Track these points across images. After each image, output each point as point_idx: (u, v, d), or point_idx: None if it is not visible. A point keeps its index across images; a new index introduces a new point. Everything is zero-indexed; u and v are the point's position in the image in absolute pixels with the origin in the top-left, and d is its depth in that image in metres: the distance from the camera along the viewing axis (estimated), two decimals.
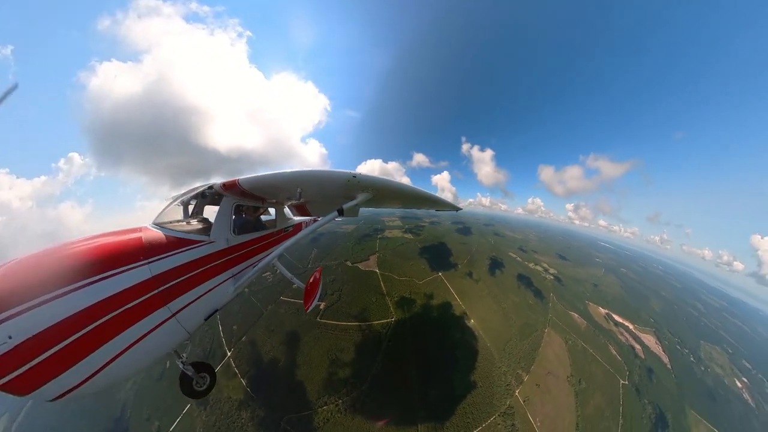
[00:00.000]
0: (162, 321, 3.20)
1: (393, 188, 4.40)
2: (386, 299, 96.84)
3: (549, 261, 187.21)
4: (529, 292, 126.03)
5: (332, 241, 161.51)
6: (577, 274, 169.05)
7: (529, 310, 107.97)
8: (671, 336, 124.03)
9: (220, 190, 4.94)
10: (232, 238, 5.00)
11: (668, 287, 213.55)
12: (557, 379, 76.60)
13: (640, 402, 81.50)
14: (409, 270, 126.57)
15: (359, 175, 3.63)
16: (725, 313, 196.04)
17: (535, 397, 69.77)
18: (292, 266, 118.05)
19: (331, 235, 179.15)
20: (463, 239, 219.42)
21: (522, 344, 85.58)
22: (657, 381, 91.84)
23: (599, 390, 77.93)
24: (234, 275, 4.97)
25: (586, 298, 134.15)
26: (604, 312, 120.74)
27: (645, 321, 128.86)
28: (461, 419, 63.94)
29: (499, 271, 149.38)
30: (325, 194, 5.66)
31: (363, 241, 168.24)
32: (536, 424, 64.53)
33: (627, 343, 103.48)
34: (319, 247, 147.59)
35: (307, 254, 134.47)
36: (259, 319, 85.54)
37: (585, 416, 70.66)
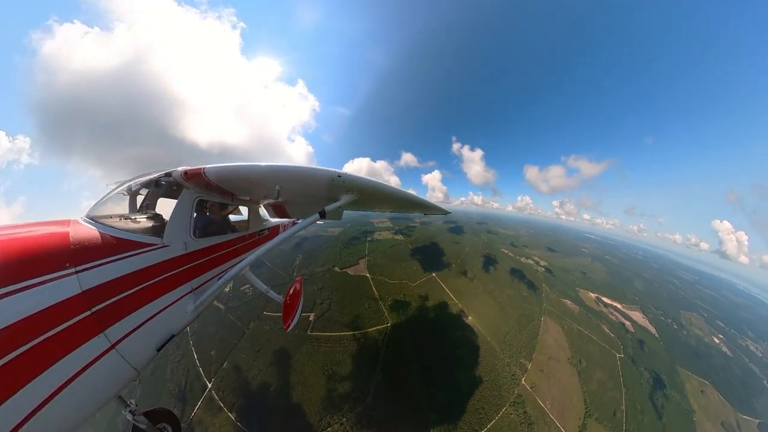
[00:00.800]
0: (97, 355, 2.41)
1: (380, 190, 4.13)
2: (379, 304, 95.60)
3: (539, 254, 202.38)
4: (523, 285, 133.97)
5: (318, 246, 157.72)
6: (566, 265, 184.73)
7: (524, 301, 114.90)
8: (655, 310, 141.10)
9: (181, 179, 4.17)
10: (191, 241, 4.27)
11: (648, 269, 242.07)
12: (559, 362, 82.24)
13: (637, 370, 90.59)
14: (402, 272, 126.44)
15: (344, 175, 3.38)
16: (698, 285, 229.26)
17: (541, 382, 74.06)
18: (274, 276, 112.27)
19: (316, 239, 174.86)
20: (456, 238, 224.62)
21: (521, 335, 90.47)
22: (648, 349, 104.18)
23: (599, 366, 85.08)
24: (194, 289, 4.24)
25: (576, 285, 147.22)
26: (594, 296, 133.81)
27: (631, 300, 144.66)
28: (473, 416, 64.77)
29: (492, 267, 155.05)
30: (307, 194, 5.14)
31: (351, 245, 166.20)
32: (546, 407, 68.47)
33: (617, 321, 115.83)
34: (303, 253, 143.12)
35: (291, 261, 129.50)
36: (241, 340, 78.91)
37: (590, 392, 76.15)
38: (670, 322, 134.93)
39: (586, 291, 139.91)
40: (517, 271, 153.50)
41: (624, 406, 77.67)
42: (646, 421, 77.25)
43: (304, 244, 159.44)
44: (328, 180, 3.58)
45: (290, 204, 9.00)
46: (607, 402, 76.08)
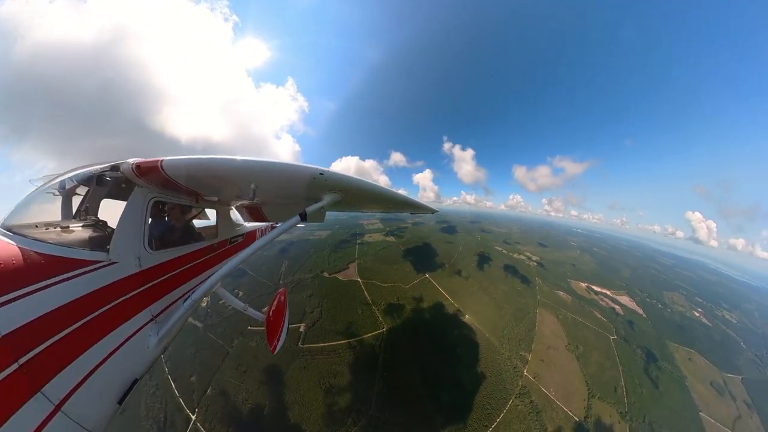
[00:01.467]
0: (39, 424, 1.92)
1: (364, 190, 3.98)
2: (373, 309, 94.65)
3: (531, 249, 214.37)
4: (517, 280, 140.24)
5: (304, 251, 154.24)
6: (556, 258, 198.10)
7: (518, 296, 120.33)
8: (641, 293, 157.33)
9: (131, 174, 3.45)
10: (146, 255, 3.69)
11: (632, 257, 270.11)
12: (557, 350, 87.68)
13: (630, 348, 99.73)
14: (394, 275, 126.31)
15: (327, 173, 3.20)
16: (676, 268, 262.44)
17: (543, 371, 78.03)
18: (257, 285, 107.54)
19: (302, 243, 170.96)
20: (449, 238, 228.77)
21: (518, 328, 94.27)
22: (638, 329, 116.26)
23: (596, 349, 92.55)
24: (155, 317, 3.69)
25: (567, 276, 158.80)
26: (584, 285, 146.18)
27: (618, 286, 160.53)
28: (481, 413, 65.82)
29: (487, 265, 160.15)
30: (286, 194, 4.77)
31: (340, 249, 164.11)
32: (551, 394, 72.23)
33: (608, 306, 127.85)
34: (289, 258, 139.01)
35: (276, 268, 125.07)
36: (224, 361, 73.24)
37: (590, 374, 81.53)
38: (655, 302, 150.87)
39: (577, 281, 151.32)
40: (511, 267, 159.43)
41: (623, 383, 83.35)
42: (645, 392, 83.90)
43: (289, 249, 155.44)
44: (309, 178, 3.26)
45: (268, 205, 8.04)
46: (607, 381, 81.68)
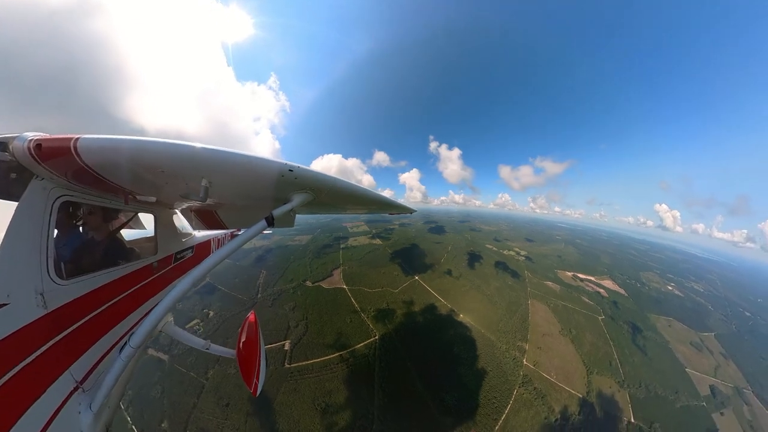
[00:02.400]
0: None
1: (339, 189, 3.73)
2: (362, 316, 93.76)
3: (520, 245, 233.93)
4: (507, 275, 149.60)
5: (284, 259, 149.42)
6: (543, 251, 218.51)
7: (510, 290, 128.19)
8: (621, 276, 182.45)
9: (26, 157, 2.43)
10: (54, 288, 2.76)
11: (611, 246, 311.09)
12: (552, 336, 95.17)
13: (617, 325, 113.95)
14: (382, 279, 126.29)
15: (297, 169, 2.95)
16: (649, 252, 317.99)
17: (541, 358, 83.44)
18: (231, 302, 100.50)
19: (281, 251, 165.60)
20: (437, 238, 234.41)
21: (513, 320, 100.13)
22: (622, 307, 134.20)
23: (587, 331, 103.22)
24: (79, 383, 2.83)
25: (554, 267, 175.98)
26: (570, 274, 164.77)
27: (601, 272, 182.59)
28: (488, 407, 67.98)
29: (478, 263, 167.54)
30: (249, 194, 4.26)
31: (323, 254, 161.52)
32: (553, 378, 77.67)
33: (593, 290, 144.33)
34: (267, 268, 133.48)
35: (253, 280, 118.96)
36: (201, 396, 66.01)
37: (585, 354, 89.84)
38: (633, 282, 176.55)
39: (564, 271, 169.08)
40: (501, 263, 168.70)
41: (616, 356, 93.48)
42: (636, 360, 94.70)
43: (267, 258, 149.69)
44: (276, 175, 2.96)
45: (225, 209, 6.92)
46: (602, 357, 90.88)
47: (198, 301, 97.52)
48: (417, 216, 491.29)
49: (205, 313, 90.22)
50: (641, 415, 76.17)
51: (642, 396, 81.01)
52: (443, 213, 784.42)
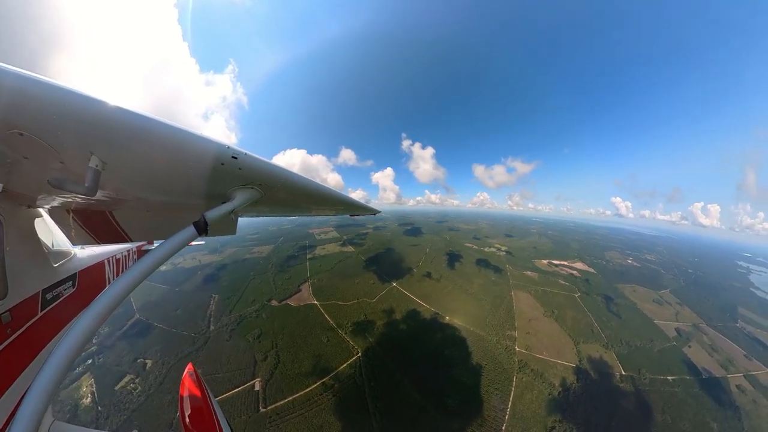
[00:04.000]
0: None
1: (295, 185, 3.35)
2: (339, 333, 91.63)
3: (499, 241, 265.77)
4: (489, 271, 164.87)
5: (241, 275, 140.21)
6: (521, 245, 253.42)
7: (493, 285, 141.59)
8: (589, 257, 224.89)
9: None
10: None
11: (578, 234, 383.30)
12: (538, 320, 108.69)
13: (592, 298, 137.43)
14: (357, 290, 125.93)
15: (243, 157, 2.49)
16: (609, 236, 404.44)
17: (531, 342, 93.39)
18: (177, 342, 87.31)
19: (236, 267, 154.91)
20: (414, 241, 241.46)
21: (499, 313, 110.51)
22: (593, 282, 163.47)
23: (567, 308, 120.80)
24: None
25: (531, 257, 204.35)
26: (546, 262, 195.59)
27: (572, 256, 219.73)
28: (493, 399, 71.74)
29: (458, 263, 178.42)
30: (168, 186, 3.40)
31: (288, 267, 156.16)
32: (545, 356, 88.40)
33: (567, 273, 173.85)
34: (220, 290, 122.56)
35: (202, 307, 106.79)
36: None
37: (570, 328, 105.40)
38: (600, 261, 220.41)
39: (540, 260, 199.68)
40: (483, 261, 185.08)
41: (596, 324, 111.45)
42: (613, 324, 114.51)
43: (219, 277, 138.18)
44: (212, 162, 2.41)
45: (129, 209, 5.26)
46: (584, 328, 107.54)
47: (127, 349, 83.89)
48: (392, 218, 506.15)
49: (140, 365, 77.06)
50: (629, 366, 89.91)
51: (625, 351, 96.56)
52: (420, 214, 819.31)
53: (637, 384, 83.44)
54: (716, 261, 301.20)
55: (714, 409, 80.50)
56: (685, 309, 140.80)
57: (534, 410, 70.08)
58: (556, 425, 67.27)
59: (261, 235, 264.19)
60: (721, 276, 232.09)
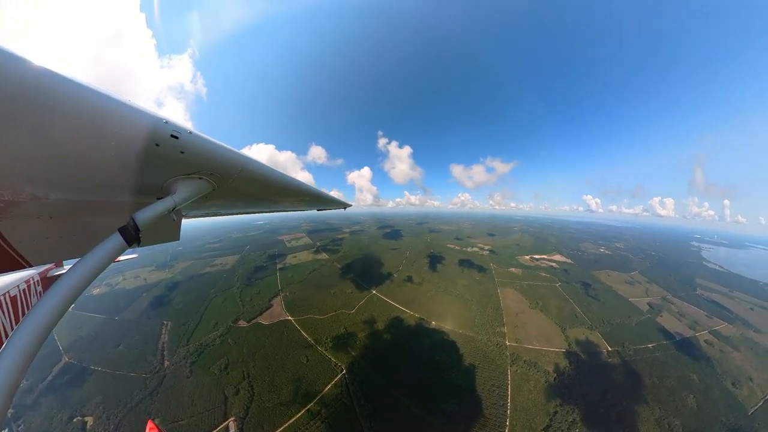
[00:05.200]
0: None
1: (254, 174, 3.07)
2: (319, 350, 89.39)
3: (482, 240, 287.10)
4: (474, 271, 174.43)
5: (199, 295, 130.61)
6: (504, 243, 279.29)
7: (478, 284, 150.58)
8: (566, 249, 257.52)
9: None
10: None
11: (555, 229, 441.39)
12: (525, 313, 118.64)
13: (572, 286, 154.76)
14: (334, 301, 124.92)
15: (184, 135, 2.12)
16: (583, 229, 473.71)
17: (521, 334, 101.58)
18: (122, 385, 77.15)
19: (193, 284, 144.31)
20: (394, 244, 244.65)
21: (486, 312, 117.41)
22: (572, 271, 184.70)
23: (550, 298, 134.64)
24: None
25: (515, 254, 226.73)
26: (528, 257, 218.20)
27: (551, 250, 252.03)
28: (491, 397, 74.79)
29: (440, 265, 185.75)
30: (75, 180, 2.57)
31: (255, 280, 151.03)
32: (536, 346, 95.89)
33: (548, 265, 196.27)
34: (174, 314, 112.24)
35: (152, 339, 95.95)
36: None
37: (555, 316, 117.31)
38: (576, 252, 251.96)
39: (523, 256, 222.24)
40: (466, 261, 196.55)
41: (579, 309, 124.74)
42: (593, 307, 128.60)
43: (170, 299, 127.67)
44: (143, 141, 2.01)
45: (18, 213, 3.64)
46: (568, 314, 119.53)
47: (57, 406, 71.35)
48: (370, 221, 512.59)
49: (78, 426, 66.74)
50: (613, 342, 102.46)
51: (608, 329, 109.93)
52: (400, 216, 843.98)
53: (623, 356, 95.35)
54: (674, 244, 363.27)
55: (691, 364, 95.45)
56: (653, 286, 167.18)
57: (534, 399, 74.52)
58: (558, 409, 72.07)
59: (223, 243, 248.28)
60: (679, 255, 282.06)
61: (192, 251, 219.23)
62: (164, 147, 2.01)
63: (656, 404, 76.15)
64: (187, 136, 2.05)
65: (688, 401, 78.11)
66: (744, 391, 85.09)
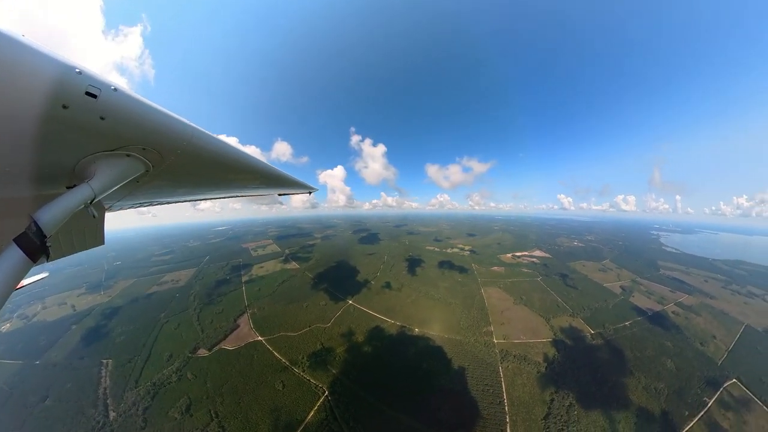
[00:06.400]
0: None
1: (201, 149, 2.51)
2: (296, 372, 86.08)
3: (462, 241, 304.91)
4: (455, 272, 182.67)
5: (146, 322, 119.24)
6: (485, 242, 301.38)
7: (461, 285, 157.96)
8: (544, 245, 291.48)
9: None
10: None
11: (533, 227, 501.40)
12: (510, 309, 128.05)
13: (552, 278, 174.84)
14: (307, 315, 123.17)
15: (107, 92, 1.64)
16: (558, 225, 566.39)
17: (508, 331, 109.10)
18: None
19: (136, 307, 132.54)
20: (370, 249, 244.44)
21: (471, 312, 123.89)
22: (551, 265, 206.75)
23: (533, 292, 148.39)
24: None
25: (496, 253, 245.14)
26: (510, 255, 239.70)
27: (531, 246, 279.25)
28: (487, 397, 77.78)
29: (419, 268, 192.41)
30: None
31: (217, 297, 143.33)
32: (523, 339, 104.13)
33: (529, 261, 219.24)
34: (115, 348, 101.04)
35: (91, 381, 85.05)
36: None
37: (539, 308, 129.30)
38: (553, 246, 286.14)
39: (504, 254, 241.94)
40: (446, 262, 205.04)
41: (559, 299, 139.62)
42: (573, 295, 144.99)
43: (110, 328, 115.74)
44: (46, 94, 1.51)
45: None
46: (550, 305, 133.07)
47: None
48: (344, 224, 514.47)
49: None
50: (595, 325, 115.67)
51: (589, 314, 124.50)
52: (377, 218, 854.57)
53: (606, 336, 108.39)
54: (637, 234, 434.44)
55: (664, 333, 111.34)
56: (623, 271, 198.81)
57: (529, 391, 79.70)
58: (554, 396, 78.15)
59: (175, 254, 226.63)
60: (642, 243, 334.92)
61: (134, 266, 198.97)
62: (76, 110, 1.52)
63: (641, 373, 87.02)
64: (110, 94, 1.59)
65: (668, 365, 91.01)
66: (711, 348, 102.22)
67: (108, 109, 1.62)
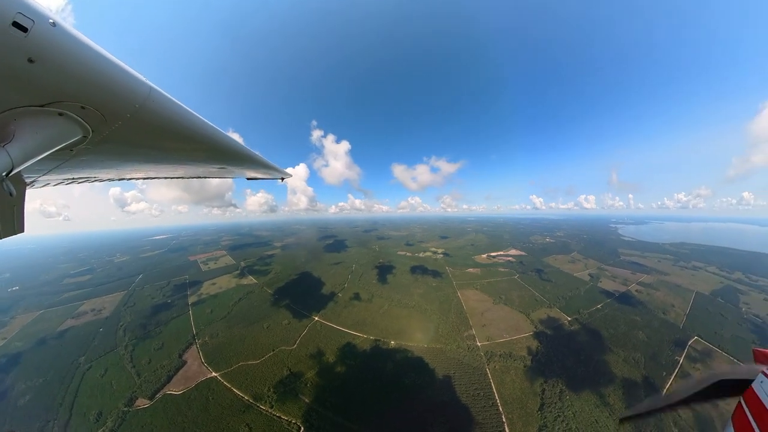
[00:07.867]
0: None
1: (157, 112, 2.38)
2: (262, 410, 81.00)
3: (435, 244, 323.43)
4: (428, 277, 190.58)
5: (60, 371, 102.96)
6: (458, 244, 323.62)
7: (436, 290, 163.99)
8: (521, 243, 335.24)
9: None
10: None
11: (507, 226, 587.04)
12: (490, 310, 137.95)
13: (528, 275, 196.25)
14: (269, 337, 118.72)
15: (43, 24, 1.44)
16: (531, 224, 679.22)
17: (490, 332, 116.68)
18: None
19: (44, 351, 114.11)
20: (336, 257, 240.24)
21: (450, 318, 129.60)
22: (526, 262, 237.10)
23: (511, 291, 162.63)
24: None
25: (470, 255, 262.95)
26: (485, 256, 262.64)
27: (506, 246, 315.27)
28: (479, 402, 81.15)
29: (391, 275, 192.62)
30: None
31: (155, 328, 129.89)
32: (506, 338, 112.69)
33: (505, 260, 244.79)
34: (18, 414, 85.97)
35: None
36: None
37: (518, 305, 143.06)
38: (527, 244, 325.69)
39: (479, 255, 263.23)
40: (419, 267, 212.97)
41: (536, 293, 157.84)
42: (548, 288, 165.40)
43: (8, 385, 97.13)
44: None
45: None
46: (529, 300, 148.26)
47: None
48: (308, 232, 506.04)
49: None
50: (570, 312, 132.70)
51: (564, 303, 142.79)
52: (345, 223, 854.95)
53: (582, 321, 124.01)
54: (598, 227, 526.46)
55: (630, 310, 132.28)
56: (589, 260, 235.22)
57: (520, 387, 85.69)
58: (544, 387, 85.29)
59: (96, 273, 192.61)
60: (603, 235, 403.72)
61: (38, 292, 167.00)
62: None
63: (619, 348, 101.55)
64: (46, 29, 1.30)
65: (640, 336, 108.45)
66: (672, 315, 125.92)
67: (41, 49, 1.25)
